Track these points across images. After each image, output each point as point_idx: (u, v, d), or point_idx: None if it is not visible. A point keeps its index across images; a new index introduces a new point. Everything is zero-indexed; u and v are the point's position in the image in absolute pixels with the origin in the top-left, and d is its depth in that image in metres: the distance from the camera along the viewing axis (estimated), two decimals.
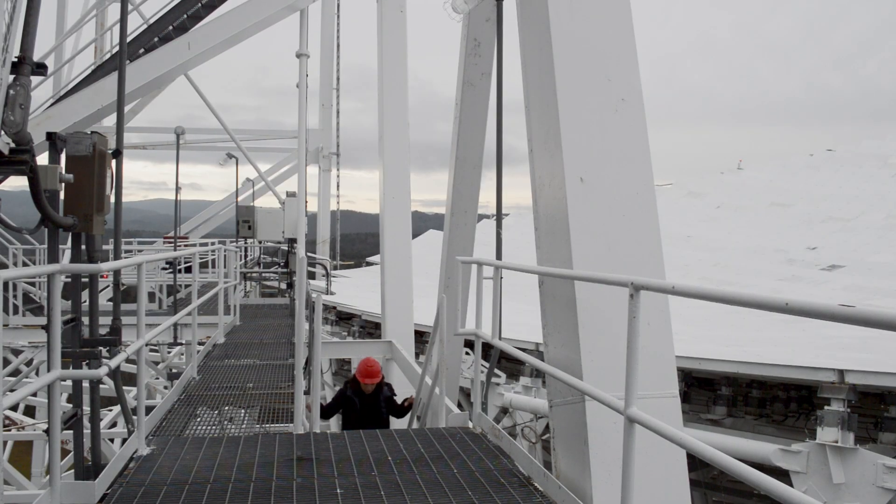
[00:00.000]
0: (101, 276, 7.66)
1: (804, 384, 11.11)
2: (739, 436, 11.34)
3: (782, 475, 9.73)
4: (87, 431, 5.55)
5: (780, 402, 12.31)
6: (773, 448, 10.16)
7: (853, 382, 9.87)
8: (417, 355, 13.20)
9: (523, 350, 9.93)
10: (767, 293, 2.84)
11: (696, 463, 9.02)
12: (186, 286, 20.47)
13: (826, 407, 9.98)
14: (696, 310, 16.15)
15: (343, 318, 22.74)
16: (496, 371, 14.34)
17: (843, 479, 9.64)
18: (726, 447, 9.71)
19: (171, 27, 11.00)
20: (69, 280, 5.47)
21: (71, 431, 5.37)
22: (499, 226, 9.20)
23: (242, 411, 8.12)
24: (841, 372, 9.93)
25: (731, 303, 2.89)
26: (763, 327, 15.82)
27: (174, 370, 14.81)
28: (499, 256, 8.63)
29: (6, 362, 16.79)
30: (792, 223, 30.11)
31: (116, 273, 6.05)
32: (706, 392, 12.78)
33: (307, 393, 7.90)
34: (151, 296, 19.11)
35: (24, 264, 18.00)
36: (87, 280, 5.71)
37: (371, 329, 20.36)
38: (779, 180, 35.61)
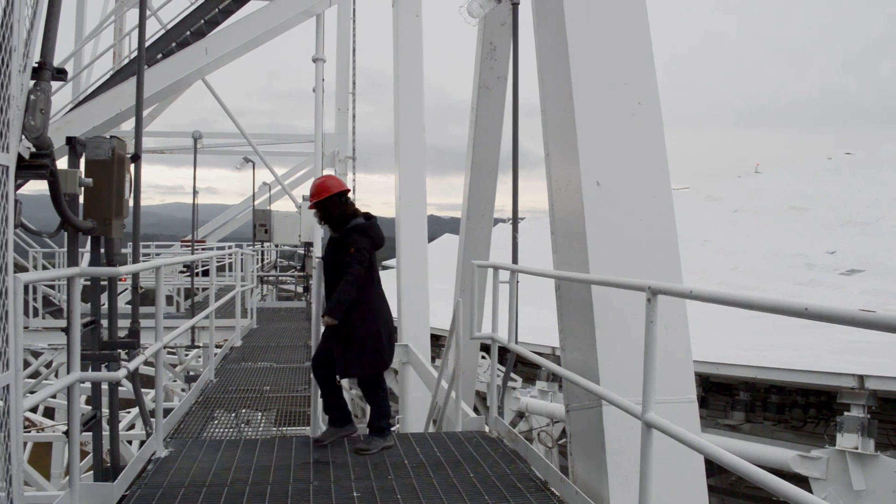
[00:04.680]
0: (120, 280, 7.72)
1: (823, 390, 11.03)
2: (758, 441, 11.27)
3: (801, 482, 9.65)
4: (105, 433, 5.59)
5: (799, 408, 12.23)
6: (791, 454, 10.09)
7: (873, 388, 9.79)
8: (433, 359, 13.20)
9: (539, 354, 9.90)
10: (786, 298, 2.82)
11: (713, 469, 8.97)
12: (204, 289, 20.58)
13: (846, 413, 9.90)
14: (713, 314, 16.06)
15: None
16: (512, 375, 14.31)
17: (863, 485, 9.55)
18: (744, 453, 9.65)
19: (188, 32, 11.09)
20: (88, 283, 5.52)
21: (90, 433, 5.40)
22: (515, 229, 9.18)
23: (259, 414, 8.16)
24: (861, 377, 9.85)
25: (750, 307, 2.87)
26: (781, 332, 15.69)
27: (192, 373, 14.89)
28: (515, 260, 8.62)
29: (26, 364, 16.93)
30: (810, 227, 29.87)
31: (135, 276, 6.10)
32: (724, 397, 12.71)
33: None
34: (169, 299, 19.24)
35: (44, 267, 18.17)
36: (105, 283, 5.75)
37: None
38: (797, 184, 35.34)
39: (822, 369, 10.57)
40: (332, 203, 5.90)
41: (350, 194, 6.11)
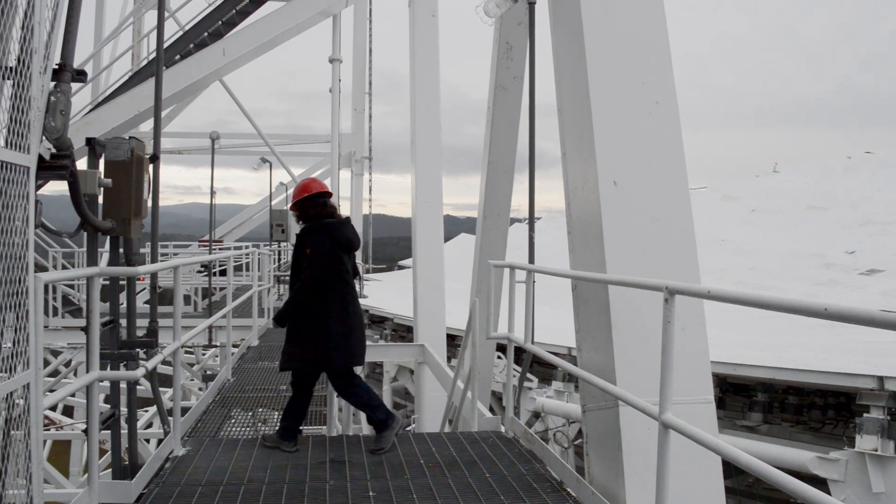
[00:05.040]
0: (139, 279, 7.77)
1: (842, 391, 10.93)
2: (776, 443, 11.18)
3: (820, 483, 9.57)
4: (124, 432, 5.63)
5: (818, 409, 12.12)
6: (810, 456, 10.01)
7: (893, 389, 9.69)
8: (449, 359, 13.20)
9: (556, 354, 9.90)
10: (805, 298, 2.80)
11: (731, 470, 8.92)
12: (221, 289, 20.70)
13: (865, 414, 9.82)
14: (731, 314, 15.96)
15: (375, 322, 22.82)
16: (528, 375, 14.29)
17: (882, 488, 9.47)
18: (762, 454, 9.59)
19: (206, 34, 11.14)
20: (107, 283, 5.56)
21: (108, 431, 5.45)
22: (531, 229, 9.17)
23: (276, 413, 8.18)
24: (881, 379, 9.75)
25: (768, 307, 2.84)
26: (799, 332, 15.58)
27: (209, 372, 14.97)
28: (531, 260, 8.61)
29: (46, 363, 17.09)
30: (829, 227, 29.63)
31: (153, 276, 6.15)
32: (742, 398, 12.62)
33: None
34: (187, 298, 19.34)
35: (64, 267, 18.32)
36: (124, 283, 5.79)
37: (403, 332, 20.43)
38: (815, 183, 35.08)
39: (840, 370, 10.47)
40: (310, 203, 6.00)
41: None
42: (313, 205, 6.00)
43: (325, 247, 5.82)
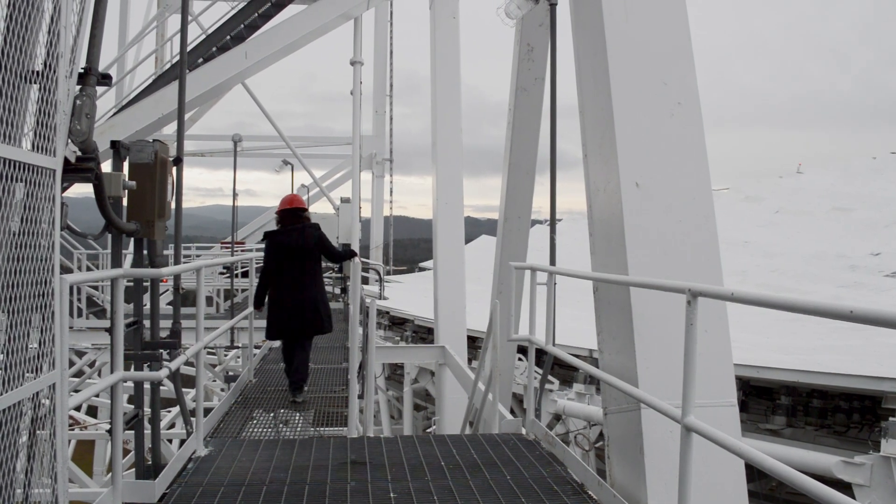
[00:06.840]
0: (162, 281, 7.84)
1: (867, 394, 10.80)
2: (799, 447, 11.06)
3: (844, 488, 9.46)
4: (147, 432, 5.67)
5: (842, 413, 11.97)
6: (834, 460, 9.89)
7: None
8: (470, 361, 13.19)
9: (577, 356, 9.85)
10: (830, 300, 2.76)
11: (754, 474, 8.84)
12: (243, 290, 20.81)
13: (891, 418, 9.70)
14: (753, 317, 15.83)
15: (396, 323, 22.86)
16: (549, 377, 14.24)
17: None
18: (786, 458, 9.49)
19: (228, 37, 11.19)
20: (131, 284, 5.60)
21: (132, 431, 5.49)
22: (552, 231, 9.13)
23: (297, 414, 8.22)
24: None
25: (793, 310, 2.82)
26: (823, 335, 15.41)
27: (231, 373, 15.04)
28: (552, 262, 8.58)
29: (70, 364, 17.25)
30: (854, 228, 29.25)
31: (176, 277, 6.19)
32: (765, 401, 12.50)
33: (361, 397, 7.96)
34: (209, 300, 19.48)
35: (89, 269, 18.51)
36: (148, 284, 5.84)
37: (424, 334, 20.44)
38: (840, 184, 34.67)
39: (866, 373, 10.35)
40: (278, 215, 8.71)
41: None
42: (278, 217, 8.66)
43: (269, 250, 8.37)
